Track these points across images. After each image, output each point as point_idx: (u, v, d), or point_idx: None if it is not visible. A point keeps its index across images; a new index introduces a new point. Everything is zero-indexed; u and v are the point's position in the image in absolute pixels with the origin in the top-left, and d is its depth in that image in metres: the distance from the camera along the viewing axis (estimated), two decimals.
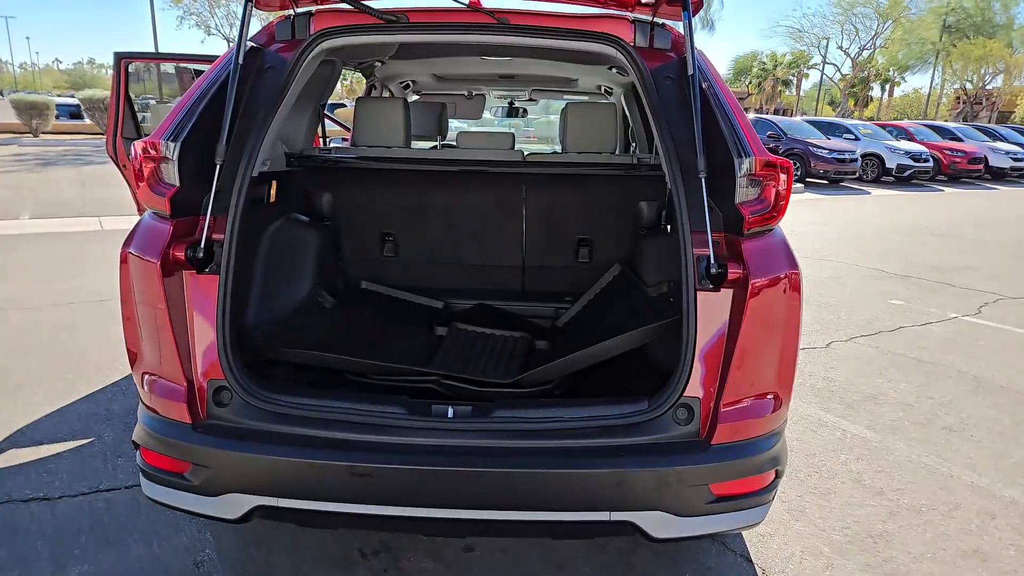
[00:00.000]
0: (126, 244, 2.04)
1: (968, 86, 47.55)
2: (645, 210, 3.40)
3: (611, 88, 4.63)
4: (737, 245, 1.97)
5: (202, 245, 2.02)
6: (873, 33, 47.21)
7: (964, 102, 49.28)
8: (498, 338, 3.08)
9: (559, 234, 3.62)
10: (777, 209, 1.96)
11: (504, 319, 3.36)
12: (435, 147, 4.47)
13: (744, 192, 1.97)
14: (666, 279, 2.88)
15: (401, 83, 4.80)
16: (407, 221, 3.59)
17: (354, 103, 3.23)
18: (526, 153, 3.34)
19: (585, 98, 5.18)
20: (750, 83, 55.30)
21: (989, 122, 41.09)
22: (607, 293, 3.36)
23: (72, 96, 30.27)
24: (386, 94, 4.81)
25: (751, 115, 22.69)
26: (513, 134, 3.53)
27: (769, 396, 2.01)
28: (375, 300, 3.45)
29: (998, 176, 21.60)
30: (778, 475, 2.06)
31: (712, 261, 1.95)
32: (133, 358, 2.12)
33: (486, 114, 6.78)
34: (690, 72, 2.10)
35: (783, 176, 1.95)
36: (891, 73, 50.38)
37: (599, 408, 2.02)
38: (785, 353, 2.01)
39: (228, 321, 2.03)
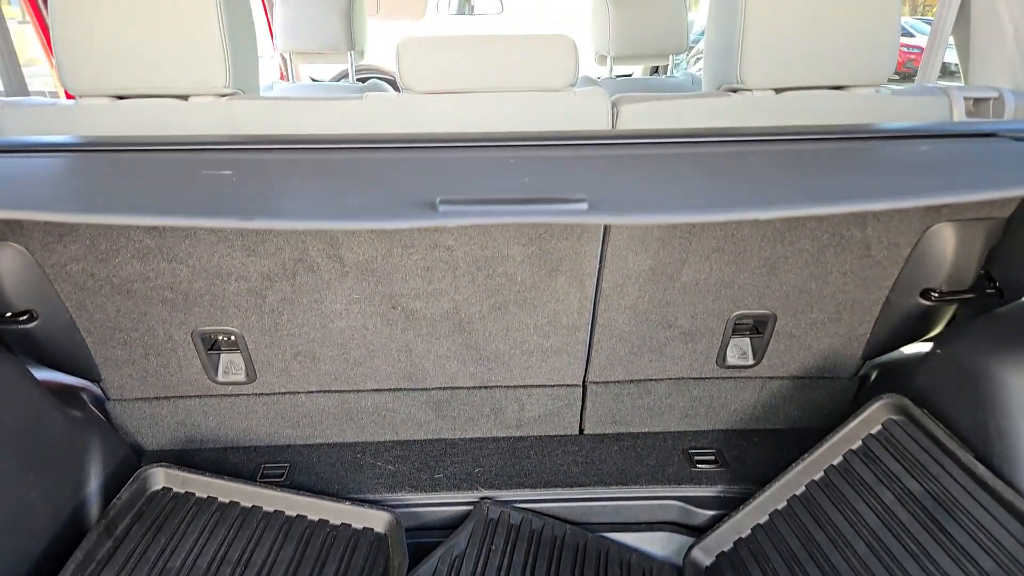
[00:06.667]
0: None
1: None
2: (955, 243, 1.39)
3: None
4: None
5: None
6: None
7: None
8: None
9: (697, 305, 1.53)
10: None
11: None
12: (341, 81, 2.44)
13: None
14: None
15: None
16: (272, 292, 1.45)
17: None
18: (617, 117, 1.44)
19: None
20: None
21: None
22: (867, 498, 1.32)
23: None
24: None
25: None
26: (574, 42, 1.51)
27: None
28: (217, 544, 1.37)
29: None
30: None
31: None
32: None
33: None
34: None
35: None
36: None
37: None
38: None
39: None
